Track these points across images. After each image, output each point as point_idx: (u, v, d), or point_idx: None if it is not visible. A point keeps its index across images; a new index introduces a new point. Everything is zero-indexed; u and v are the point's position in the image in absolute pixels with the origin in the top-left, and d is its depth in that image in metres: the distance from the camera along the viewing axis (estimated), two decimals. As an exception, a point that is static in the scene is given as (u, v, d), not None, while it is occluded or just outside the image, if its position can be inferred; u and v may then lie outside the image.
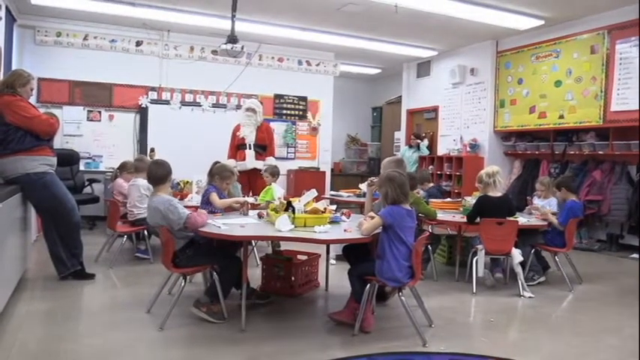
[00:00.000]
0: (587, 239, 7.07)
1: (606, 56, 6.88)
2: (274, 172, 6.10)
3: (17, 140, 4.18)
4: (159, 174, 3.73)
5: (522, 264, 4.63)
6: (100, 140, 8.29)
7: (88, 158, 8.16)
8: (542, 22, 7.35)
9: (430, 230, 5.54)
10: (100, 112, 8.31)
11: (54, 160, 4.48)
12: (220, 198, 4.50)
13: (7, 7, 6.55)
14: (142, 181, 5.47)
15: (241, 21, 6.84)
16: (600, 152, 7.06)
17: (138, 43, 8.39)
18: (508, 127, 8.44)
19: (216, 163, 4.90)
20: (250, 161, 7.06)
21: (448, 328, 3.67)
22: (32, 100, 4.71)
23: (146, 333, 3.42)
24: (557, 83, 7.57)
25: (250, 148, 7.10)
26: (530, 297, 4.50)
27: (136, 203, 5.43)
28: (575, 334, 3.71)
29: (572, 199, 5.07)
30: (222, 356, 3.09)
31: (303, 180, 8.92)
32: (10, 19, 6.98)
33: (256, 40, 8.77)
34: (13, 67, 6.73)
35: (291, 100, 9.69)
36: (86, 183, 7.67)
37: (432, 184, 6.40)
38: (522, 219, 4.90)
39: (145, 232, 5.48)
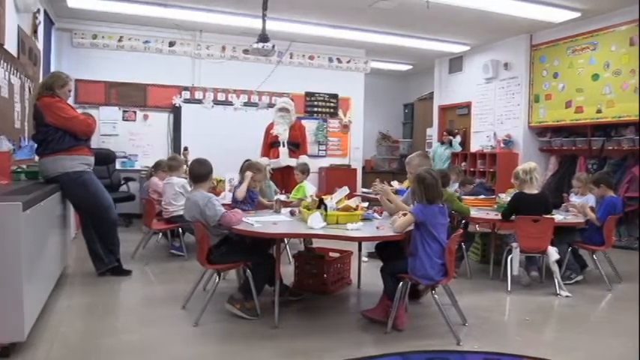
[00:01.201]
0: (626, 237, 6.87)
1: (646, 48, 6.67)
2: (304, 170, 6.13)
3: (57, 140, 4.30)
4: (201, 172, 3.83)
5: (559, 262, 4.54)
6: (135, 140, 8.47)
7: (124, 157, 8.34)
8: (578, 15, 7.16)
9: (464, 227, 5.48)
10: (135, 112, 8.48)
11: (92, 159, 4.59)
12: (250, 195, 4.58)
13: (45, 12, 6.74)
14: (177, 180, 5.57)
15: (272, 20, 6.87)
16: (640, 147, 6.85)
17: (171, 44, 8.52)
18: (543, 122, 8.25)
19: (247, 161, 4.96)
20: (284, 159, 7.10)
21: (482, 327, 3.62)
22: (70, 101, 4.84)
23: (181, 328, 3.48)
24: (595, 77, 7.36)
25: (284, 146, 7.14)
26: (567, 296, 4.40)
27: (171, 201, 5.53)
28: (614, 334, 3.62)
29: (611, 195, 4.94)
30: (256, 352, 3.12)
31: (335, 177, 8.89)
32: (49, 22, 7.19)
33: (287, 39, 8.79)
34: (52, 69, 6.94)
35: (322, 98, 9.70)
36: (122, 181, 7.85)
37: (473, 185, 6.32)
38: (559, 216, 4.80)
39: (180, 230, 5.59)
